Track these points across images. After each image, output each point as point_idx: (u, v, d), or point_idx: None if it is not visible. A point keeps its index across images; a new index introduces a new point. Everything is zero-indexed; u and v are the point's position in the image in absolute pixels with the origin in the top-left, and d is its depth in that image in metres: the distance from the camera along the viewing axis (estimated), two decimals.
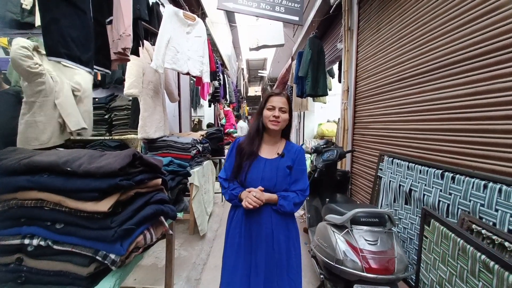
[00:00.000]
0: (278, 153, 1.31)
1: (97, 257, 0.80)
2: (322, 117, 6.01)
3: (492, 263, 0.94)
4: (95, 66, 1.38)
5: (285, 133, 1.38)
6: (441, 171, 1.49)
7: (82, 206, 0.80)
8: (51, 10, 1.10)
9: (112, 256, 0.81)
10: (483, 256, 0.98)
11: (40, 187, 0.82)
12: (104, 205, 0.79)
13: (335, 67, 4.37)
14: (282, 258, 1.27)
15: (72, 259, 0.80)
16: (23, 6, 2.72)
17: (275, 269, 1.26)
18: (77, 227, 0.81)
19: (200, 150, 2.91)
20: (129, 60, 1.69)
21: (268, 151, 1.32)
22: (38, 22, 2.57)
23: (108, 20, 1.50)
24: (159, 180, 1.08)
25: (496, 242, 1.07)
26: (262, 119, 1.31)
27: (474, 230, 1.18)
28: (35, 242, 0.79)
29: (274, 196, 1.26)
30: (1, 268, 0.80)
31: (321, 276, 1.69)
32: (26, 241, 0.79)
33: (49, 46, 1.10)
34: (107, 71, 1.53)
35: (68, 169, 0.81)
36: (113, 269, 0.83)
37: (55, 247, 0.80)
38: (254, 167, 1.28)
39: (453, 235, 1.17)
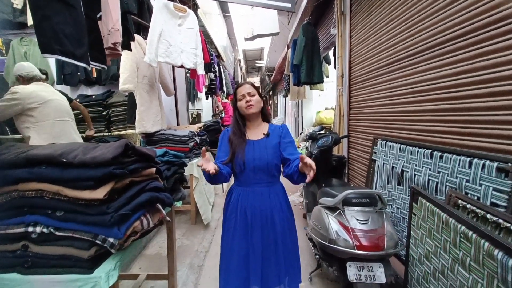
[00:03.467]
0: (264, 133, 1.40)
1: (97, 241, 0.86)
2: (320, 105, 6.01)
3: (470, 232, 0.98)
4: (90, 62, 1.40)
5: (265, 117, 1.47)
6: (430, 150, 1.52)
7: (79, 195, 0.85)
8: (42, 8, 1.12)
9: (111, 239, 0.87)
10: (463, 227, 1.03)
11: (39, 178, 0.87)
12: (100, 193, 0.85)
13: (331, 54, 4.34)
14: (278, 239, 1.33)
15: (74, 244, 0.86)
16: (14, 5, 2.71)
17: (273, 249, 1.32)
18: (76, 214, 0.87)
19: (198, 142, 2.95)
20: (120, 54, 1.71)
21: (254, 134, 1.41)
22: (30, 21, 2.57)
23: (99, 15, 1.52)
24: (153, 169, 1.13)
25: (479, 215, 1.11)
26: (238, 111, 1.41)
27: (460, 205, 1.23)
28: (38, 229, 0.85)
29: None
30: (9, 254, 0.87)
31: (317, 257, 1.76)
32: (30, 229, 0.86)
33: (43, 43, 1.12)
34: (103, 66, 1.56)
35: (64, 160, 0.86)
36: (113, 252, 0.90)
37: (57, 233, 0.86)
38: (246, 150, 1.35)
39: (437, 210, 1.22)
